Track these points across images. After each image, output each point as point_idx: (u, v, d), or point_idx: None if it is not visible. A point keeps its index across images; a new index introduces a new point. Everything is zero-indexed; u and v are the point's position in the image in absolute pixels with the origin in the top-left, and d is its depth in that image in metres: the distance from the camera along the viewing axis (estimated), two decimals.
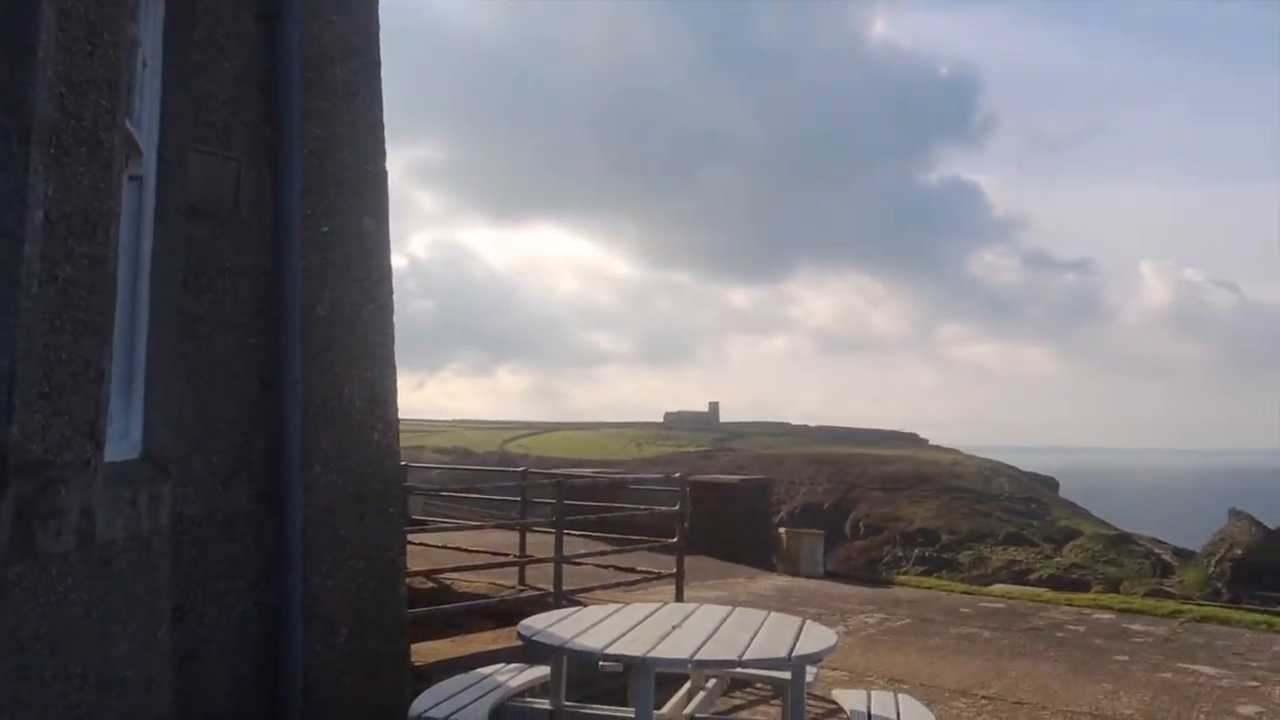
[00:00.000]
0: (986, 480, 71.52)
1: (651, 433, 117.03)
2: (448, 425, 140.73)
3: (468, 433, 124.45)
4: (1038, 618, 10.09)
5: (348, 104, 4.99)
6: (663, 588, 9.84)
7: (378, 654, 4.98)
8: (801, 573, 12.85)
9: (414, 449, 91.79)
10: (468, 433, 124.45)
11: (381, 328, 5.12)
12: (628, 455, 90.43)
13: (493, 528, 11.51)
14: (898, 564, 55.20)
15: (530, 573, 9.75)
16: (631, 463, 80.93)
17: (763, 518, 15.54)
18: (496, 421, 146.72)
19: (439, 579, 9.11)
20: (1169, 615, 10.38)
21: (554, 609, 6.15)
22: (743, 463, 78.53)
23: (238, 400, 4.43)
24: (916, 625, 9.48)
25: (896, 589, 12.29)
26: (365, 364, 5.01)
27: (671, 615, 5.23)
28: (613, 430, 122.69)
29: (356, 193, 5.02)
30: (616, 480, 14.37)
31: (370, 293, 5.05)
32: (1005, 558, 55.44)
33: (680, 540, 9.43)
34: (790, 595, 11.09)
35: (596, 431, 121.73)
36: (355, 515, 4.90)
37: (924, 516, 62.55)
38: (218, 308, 4.37)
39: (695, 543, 12.48)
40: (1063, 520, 63.13)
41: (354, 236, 4.99)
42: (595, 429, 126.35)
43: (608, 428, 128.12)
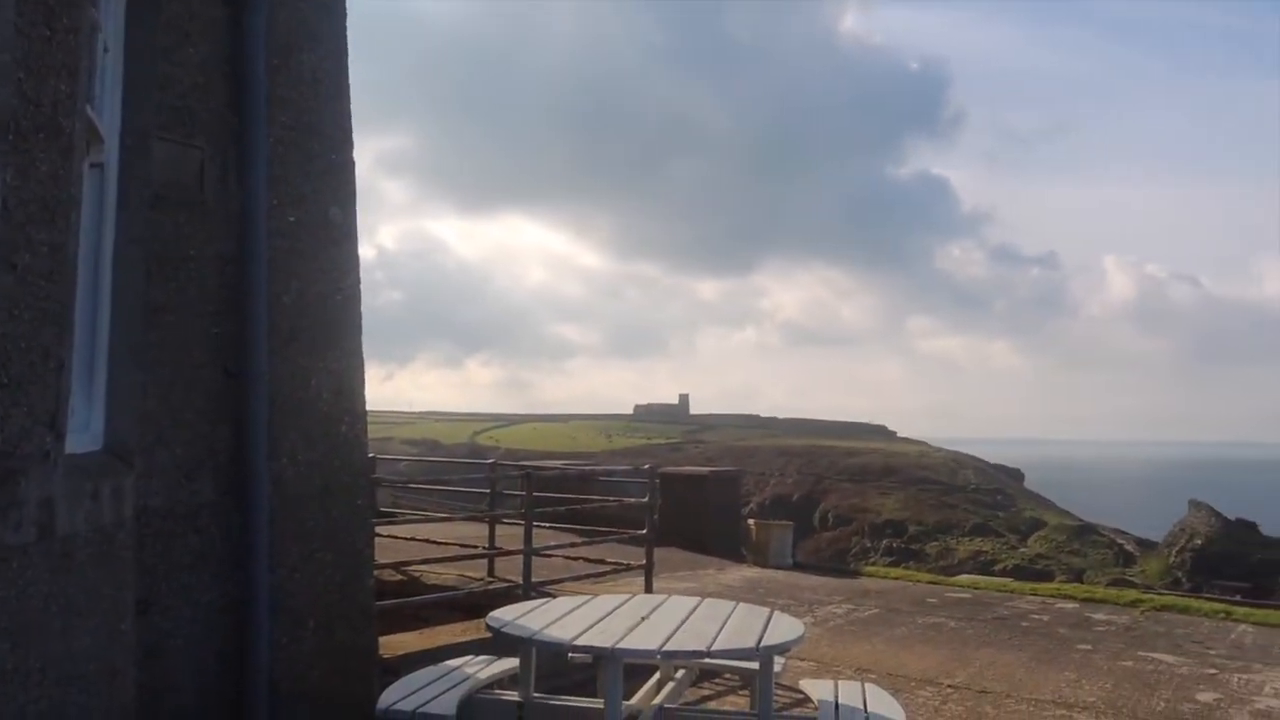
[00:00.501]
0: (953, 472, 72.17)
1: (621, 425, 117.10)
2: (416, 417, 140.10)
3: (437, 425, 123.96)
4: (1003, 607, 10.20)
5: (314, 92, 4.94)
6: (632, 579, 9.85)
7: (345, 647, 4.95)
8: (770, 564, 12.91)
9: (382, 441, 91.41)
10: (437, 425, 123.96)
11: (349, 318, 5.08)
12: (597, 447, 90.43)
13: (462, 520, 11.47)
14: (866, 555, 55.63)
15: (499, 565, 9.73)
16: (601, 455, 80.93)
17: (732, 510, 15.59)
18: (466, 414, 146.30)
19: (407, 571, 9.08)
20: (1130, 605, 10.53)
21: (523, 601, 6.15)
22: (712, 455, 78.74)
23: (202, 391, 4.38)
24: (884, 615, 9.55)
25: (864, 580, 12.39)
26: (332, 355, 4.96)
27: (640, 607, 5.24)
28: (582, 422, 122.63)
29: (323, 182, 4.97)
30: (586, 472, 14.36)
31: (337, 283, 5.01)
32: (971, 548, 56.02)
33: (649, 532, 9.44)
34: (759, 586, 11.14)
35: (566, 423, 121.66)
36: (322, 507, 4.86)
37: (892, 508, 63.06)
38: (182, 297, 4.31)
39: (665, 534, 12.50)
40: (1028, 511, 63.85)
41: (321, 226, 4.94)
42: (565, 421, 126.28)
43: (577, 420, 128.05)
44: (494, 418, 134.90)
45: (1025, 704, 6.49)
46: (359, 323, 5.14)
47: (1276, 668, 7.72)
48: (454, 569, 9.47)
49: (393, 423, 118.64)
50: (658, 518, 9.76)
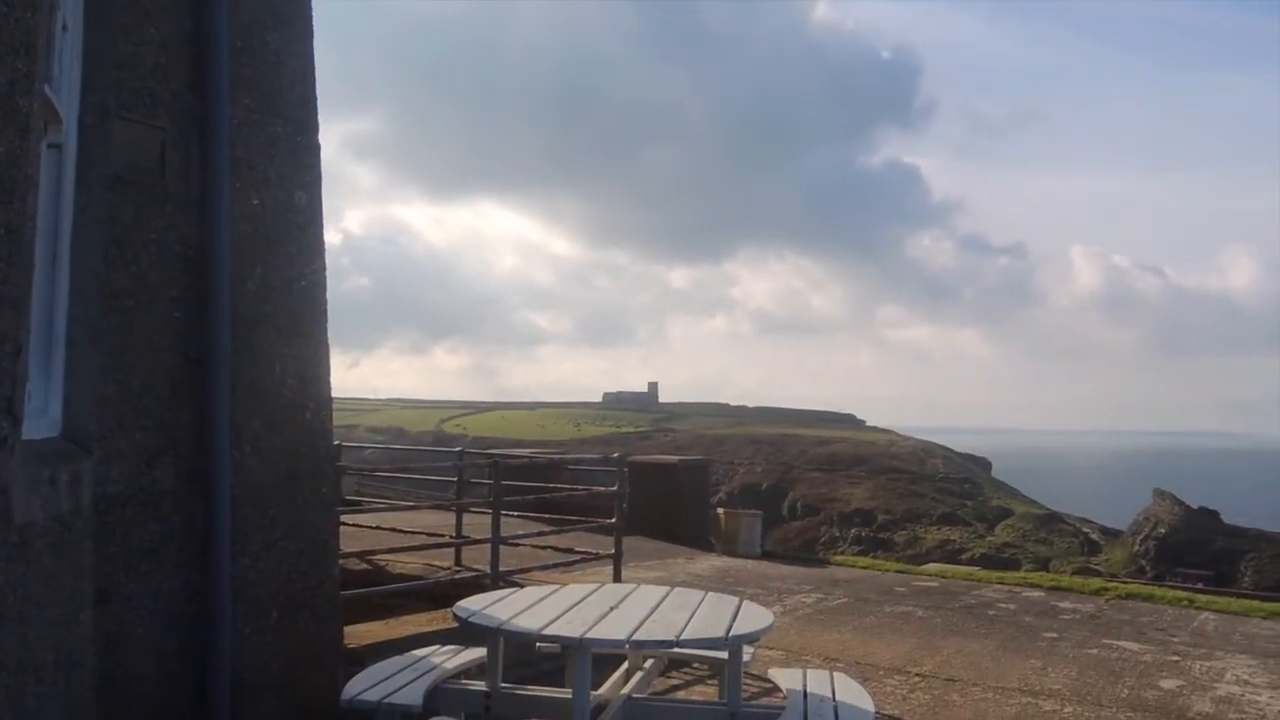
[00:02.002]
0: (922, 461, 72.82)
1: (590, 413, 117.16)
2: (382, 404, 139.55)
3: (403, 412, 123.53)
4: (970, 596, 10.31)
5: (279, 73, 4.88)
6: (601, 569, 9.86)
7: (309, 636, 4.93)
8: (740, 553, 12.97)
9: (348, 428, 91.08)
10: (403, 412, 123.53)
11: (314, 304, 5.04)
12: (566, 435, 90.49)
13: (428, 508, 11.43)
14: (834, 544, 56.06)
15: (466, 554, 9.70)
16: (570, 443, 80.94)
17: (701, 498, 15.64)
18: (433, 401, 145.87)
19: (373, 560, 9.03)
20: (1096, 593, 10.67)
21: (490, 590, 6.14)
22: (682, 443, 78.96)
23: (164, 376, 4.33)
24: (852, 605, 9.62)
25: (833, 569, 12.47)
26: (297, 341, 4.92)
27: (609, 596, 5.25)
28: (551, 410, 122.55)
29: (288, 165, 4.92)
30: (554, 461, 14.34)
31: (302, 268, 4.97)
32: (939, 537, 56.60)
33: (618, 521, 9.46)
34: (728, 576, 11.19)
35: (534, 411, 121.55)
36: (286, 495, 4.83)
37: (861, 497, 63.55)
38: (142, 281, 4.26)
39: (634, 523, 12.52)
40: (995, 500, 64.59)
41: (285, 210, 4.89)
42: (533, 409, 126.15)
43: (546, 408, 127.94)
44: (461, 405, 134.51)
45: (992, 692, 6.57)
46: (324, 309, 5.11)
47: (1237, 655, 7.86)
48: (420, 558, 9.43)
49: (358, 410, 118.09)
50: (626, 506, 9.78)
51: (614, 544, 9.40)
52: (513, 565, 8.98)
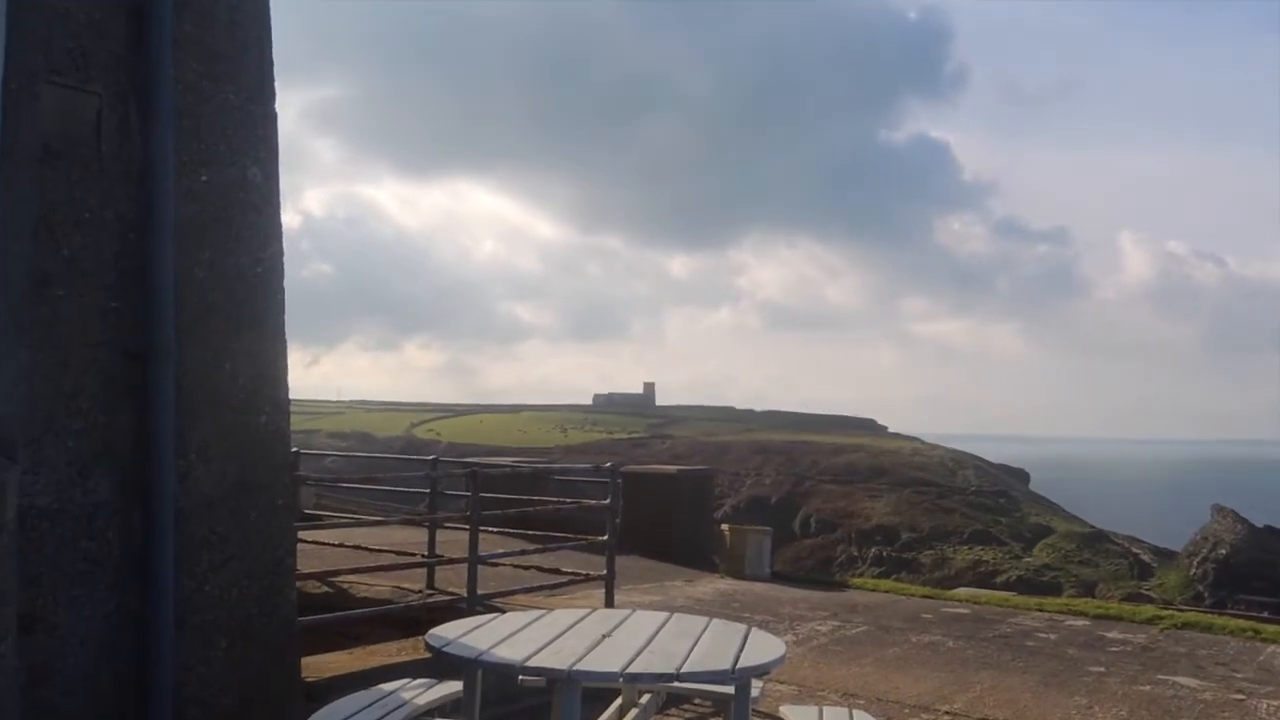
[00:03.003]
0: (951, 472, 72.87)
1: (579, 417, 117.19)
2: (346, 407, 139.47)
3: (369, 415, 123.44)
4: (1006, 624, 10.32)
5: (230, 33, 4.86)
6: (591, 591, 9.85)
7: (263, 668, 4.91)
8: (746, 574, 12.97)
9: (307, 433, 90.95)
10: (369, 415, 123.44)
11: (269, 294, 5.02)
12: (552, 442, 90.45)
13: (397, 524, 11.43)
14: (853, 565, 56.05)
15: (440, 575, 9.69)
16: (556, 451, 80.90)
17: (703, 513, 15.64)
18: (402, 403, 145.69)
19: (335, 582, 9.02)
20: (1148, 622, 10.69)
21: (467, 616, 6.13)
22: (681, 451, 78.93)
23: (99, 374, 4.31)
24: (873, 633, 9.62)
25: (851, 593, 12.48)
26: (250, 335, 4.91)
27: (601, 623, 5.24)
28: (535, 414, 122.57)
29: (241, 137, 4.90)
30: (539, 470, 14.33)
31: (256, 253, 4.95)
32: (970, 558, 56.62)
33: (611, 538, 9.45)
34: (734, 600, 11.19)
35: (517, 415, 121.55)
36: (237, 509, 4.81)
37: (882, 512, 63.57)
38: (74, 266, 4.24)
39: (628, 541, 12.52)
40: (1033, 517, 64.62)
41: (237, 188, 4.87)
42: (515, 412, 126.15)
43: (529, 411, 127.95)
44: (435, 408, 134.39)
45: None
46: (281, 299, 5.09)
47: None
48: (389, 580, 9.42)
49: (319, 413, 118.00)
50: (620, 522, 9.77)
51: (606, 564, 9.40)
52: (492, 588, 8.97)
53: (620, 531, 9.86)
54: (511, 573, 9.71)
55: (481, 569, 8.49)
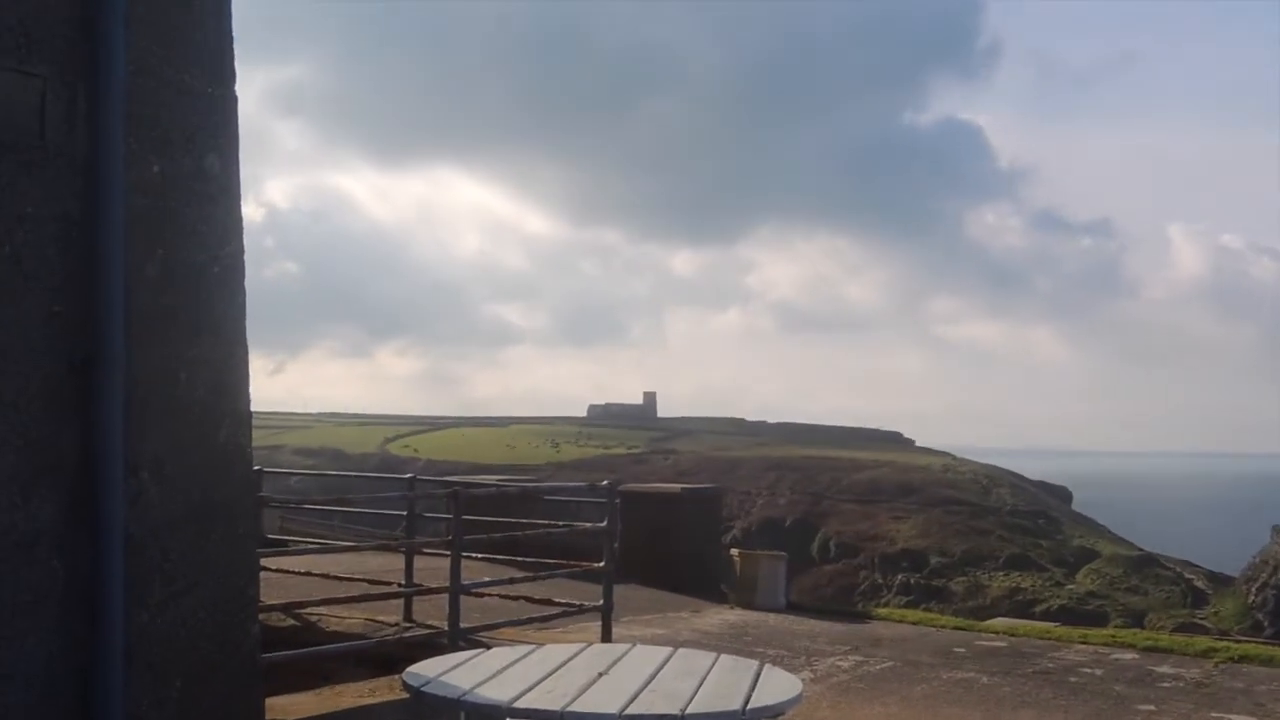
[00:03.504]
0: (985, 490, 72.90)
1: (572, 430, 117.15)
2: (314, 420, 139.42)
3: (340, 429, 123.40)
4: (1046, 659, 10.31)
5: (187, 9, 4.88)
6: (586, 624, 9.85)
7: (222, 711, 4.91)
8: (758, 605, 12.96)
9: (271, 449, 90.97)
10: (340, 429, 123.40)
11: (229, 295, 5.02)
12: (542, 458, 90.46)
13: (371, 550, 11.43)
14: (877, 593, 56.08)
15: (419, 606, 9.69)
16: (547, 468, 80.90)
17: (711, 537, 15.64)
18: (377, 415, 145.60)
19: (302, 615, 9.02)
20: (1202, 654, 10.68)
21: (449, 652, 6.13)
22: (686, 468, 78.95)
23: (41, 386, 4.31)
24: (899, 669, 9.62)
25: (875, 624, 12.47)
26: (208, 341, 4.91)
27: (597, 659, 5.24)
28: (524, 427, 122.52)
29: (197, 122, 4.91)
30: (528, 490, 14.34)
31: (215, 250, 4.95)
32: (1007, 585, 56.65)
33: (608, 565, 9.45)
34: (745, 633, 11.19)
35: (503, 429, 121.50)
36: (194, 534, 4.81)
37: (909, 535, 63.57)
38: (15, 266, 4.24)
39: (627, 568, 12.52)
40: (1076, 539, 64.67)
41: (194, 178, 4.88)
42: (502, 425, 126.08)
43: (518, 424, 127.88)
44: (412, 421, 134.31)
45: None
46: (242, 300, 5.09)
47: None
48: (361, 612, 9.42)
49: (284, 427, 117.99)
50: (618, 547, 9.78)
51: (602, 594, 9.39)
52: (477, 621, 8.97)
53: (619, 557, 9.87)
54: (498, 604, 9.70)
55: (465, 600, 8.48)
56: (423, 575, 10.09)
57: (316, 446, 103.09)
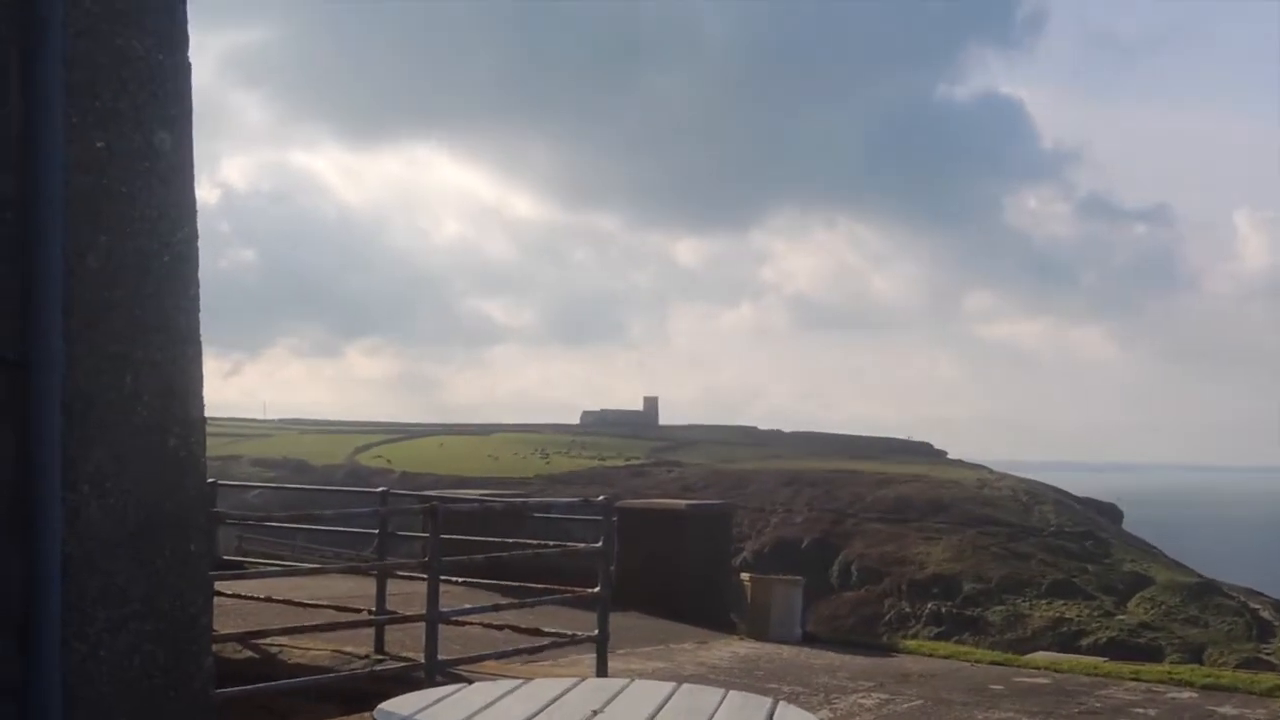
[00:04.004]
0: (1026, 508, 72.87)
1: (564, 439, 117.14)
2: (275, 427, 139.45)
3: (303, 438, 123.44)
4: (1093, 698, 10.30)
5: None
6: (579, 657, 9.85)
7: None
8: (772, 636, 12.96)
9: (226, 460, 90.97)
10: (303, 438, 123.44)
11: (181, 287, 5.02)
12: (531, 470, 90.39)
13: (338, 572, 11.43)
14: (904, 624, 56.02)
15: (391, 636, 9.68)
16: (536, 481, 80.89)
17: (719, 559, 15.63)
18: (345, 422, 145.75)
19: (261, 645, 9.01)
20: (1268, 694, 10.67)
21: (426, 688, 6.12)
22: (691, 482, 78.95)
23: None
24: (929, 709, 9.61)
25: (903, 658, 12.46)
26: (157, 339, 4.90)
27: (591, 696, 5.23)
28: (510, 435, 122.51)
29: (146, 93, 4.90)
30: (515, 506, 14.33)
31: (165, 237, 4.94)
32: (1050, 615, 56.60)
33: (604, 590, 9.45)
34: (756, 667, 11.18)
35: (487, 437, 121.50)
36: (140, 554, 4.80)
37: (940, 558, 63.53)
38: None
39: (625, 594, 12.51)
40: (1128, 564, 64.61)
41: (142, 156, 4.87)
42: (485, 433, 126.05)
43: (503, 432, 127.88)
44: (385, 428, 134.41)
45: None
46: (195, 294, 5.08)
47: None
48: (327, 642, 9.41)
49: (241, 435, 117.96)
50: (615, 570, 9.77)
51: (597, 623, 9.39)
52: (457, 653, 8.96)
53: (616, 582, 9.85)
54: (480, 634, 9.69)
55: (443, 629, 8.48)
56: (396, 601, 10.08)
57: (277, 457, 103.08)
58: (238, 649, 8.76)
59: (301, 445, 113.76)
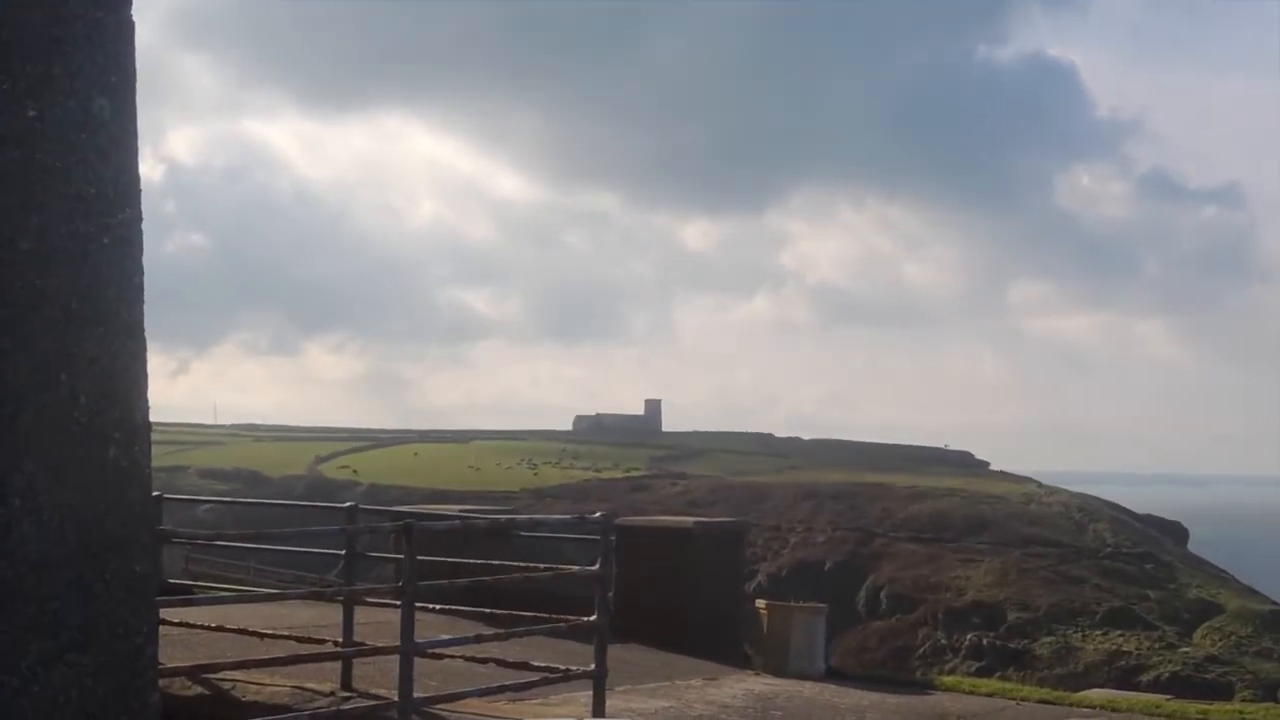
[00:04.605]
0: (1079, 527, 72.94)
1: (555, 447, 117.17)
2: (227, 434, 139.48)
3: (259, 446, 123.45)
4: None
5: None
6: (574, 694, 9.85)
7: None
8: (791, 670, 12.95)
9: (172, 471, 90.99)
10: (259, 446, 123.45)
11: (122, 276, 5.02)
12: (517, 484, 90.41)
13: (300, 598, 11.43)
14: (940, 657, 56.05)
15: (360, 671, 9.68)
16: (523, 496, 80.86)
17: (731, 584, 15.64)
18: (306, 428, 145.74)
19: (213, 681, 9.02)
20: None
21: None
22: (699, 496, 78.96)
23: None
24: None
25: (939, 696, 12.46)
26: (95, 334, 4.91)
27: None
28: (493, 443, 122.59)
29: (82, 56, 4.90)
30: (500, 524, 14.33)
31: (104, 219, 4.95)
32: (1106, 648, 56.63)
33: (601, 619, 9.45)
34: (774, 706, 11.18)
35: (466, 445, 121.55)
36: (78, 578, 4.81)
37: (981, 583, 63.57)
38: None
39: (625, 623, 12.49)
40: (1193, 589, 64.64)
41: (78, 126, 4.88)
42: (465, 441, 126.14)
43: (485, 439, 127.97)
44: (351, 435, 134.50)
45: None
46: (139, 283, 5.09)
47: None
48: (288, 677, 9.41)
49: (189, 442, 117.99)
50: (614, 596, 9.78)
51: (594, 656, 9.39)
52: (434, 690, 8.96)
53: (615, 609, 9.86)
54: (462, 668, 9.69)
55: (419, 663, 8.48)
56: (366, 631, 10.08)
57: (230, 468, 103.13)
58: (187, 684, 8.76)
59: (257, 454, 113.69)
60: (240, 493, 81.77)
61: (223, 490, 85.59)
